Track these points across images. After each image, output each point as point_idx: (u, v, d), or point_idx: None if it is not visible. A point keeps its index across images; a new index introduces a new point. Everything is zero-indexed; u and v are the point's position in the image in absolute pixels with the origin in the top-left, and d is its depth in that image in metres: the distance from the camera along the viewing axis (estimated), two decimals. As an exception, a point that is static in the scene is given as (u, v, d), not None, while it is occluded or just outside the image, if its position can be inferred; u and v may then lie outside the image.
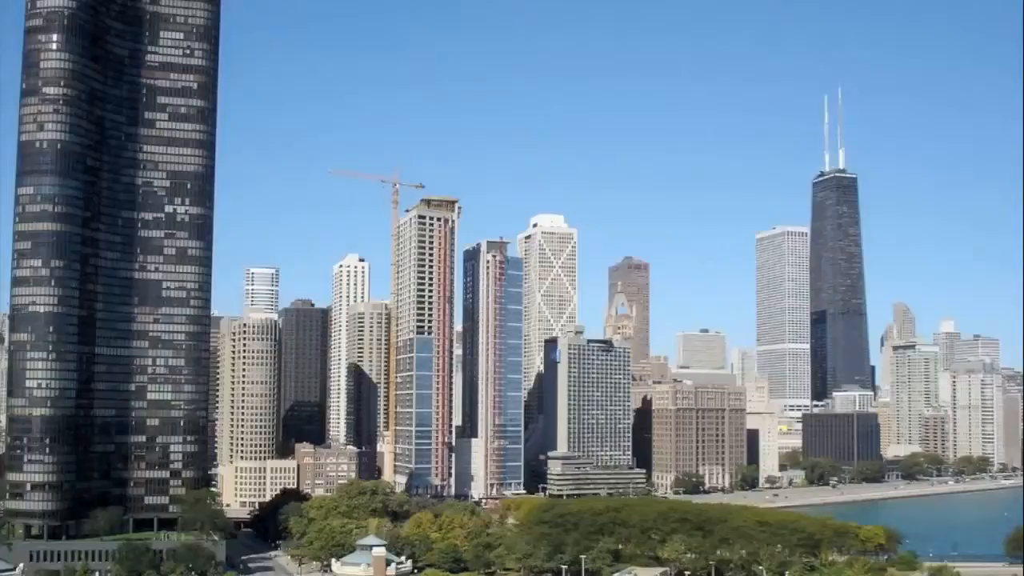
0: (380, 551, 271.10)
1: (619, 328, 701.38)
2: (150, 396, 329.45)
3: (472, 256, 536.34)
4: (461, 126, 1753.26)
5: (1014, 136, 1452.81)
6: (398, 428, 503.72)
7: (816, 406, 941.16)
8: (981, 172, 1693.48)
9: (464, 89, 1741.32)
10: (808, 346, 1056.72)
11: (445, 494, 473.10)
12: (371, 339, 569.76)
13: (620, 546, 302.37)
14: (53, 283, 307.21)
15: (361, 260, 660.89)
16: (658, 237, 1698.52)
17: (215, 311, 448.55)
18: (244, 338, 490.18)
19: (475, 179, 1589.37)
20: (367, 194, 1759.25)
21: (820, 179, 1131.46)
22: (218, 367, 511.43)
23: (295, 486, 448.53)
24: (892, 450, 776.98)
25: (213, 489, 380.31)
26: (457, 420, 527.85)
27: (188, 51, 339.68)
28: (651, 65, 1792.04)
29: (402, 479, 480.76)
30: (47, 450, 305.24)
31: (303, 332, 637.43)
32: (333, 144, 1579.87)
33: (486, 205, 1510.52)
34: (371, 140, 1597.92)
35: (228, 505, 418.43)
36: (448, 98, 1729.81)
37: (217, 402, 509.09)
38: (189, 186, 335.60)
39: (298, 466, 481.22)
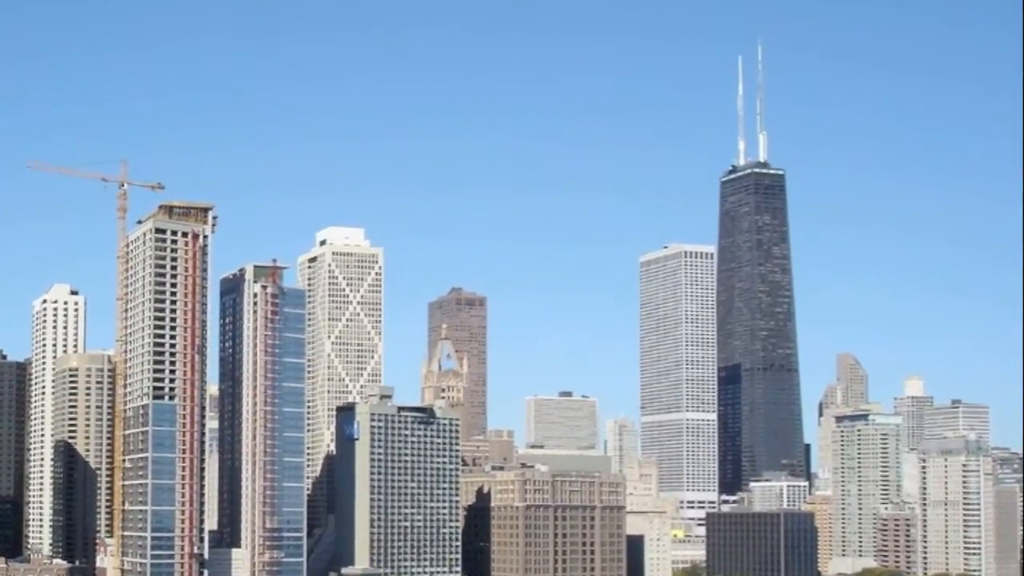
0: None
1: (444, 390, 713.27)
2: None
3: (233, 286, 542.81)
4: (216, 104, 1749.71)
5: (1012, 115, 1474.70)
6: (127, 534, 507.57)
7: (726, 502, 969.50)
8: (965, 169, 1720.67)
9: (221, 53, 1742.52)
10: (715, 416, 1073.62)
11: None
12: (88, 406, 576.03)
13: None
14: None
15: (74, 293, 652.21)
16: (499, 261, 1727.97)
17: None
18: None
19: (236, 178, 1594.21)
20: (82, 199, 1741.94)
21: (732, 176, 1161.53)
22: None
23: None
24: (835, 565, 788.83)
25: None
26: (212, 523, 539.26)
27: None
28: (490, 19, 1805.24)
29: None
30: None
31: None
32: (34, 128, 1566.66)
33: (253, 214, 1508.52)
34: (89, 123, 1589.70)
35: None
36: (198, 65, 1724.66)
37: None
38: None
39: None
